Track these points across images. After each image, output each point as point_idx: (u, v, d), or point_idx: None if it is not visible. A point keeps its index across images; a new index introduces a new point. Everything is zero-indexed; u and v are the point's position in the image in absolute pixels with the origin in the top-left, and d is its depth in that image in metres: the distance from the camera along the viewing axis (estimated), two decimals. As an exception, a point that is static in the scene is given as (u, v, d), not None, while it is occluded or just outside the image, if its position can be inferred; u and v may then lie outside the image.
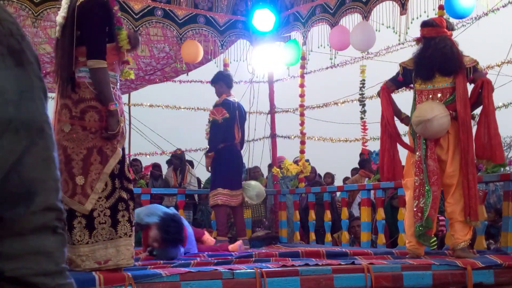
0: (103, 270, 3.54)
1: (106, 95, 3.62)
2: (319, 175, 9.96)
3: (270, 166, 9.24)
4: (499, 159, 4.91)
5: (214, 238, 6.88)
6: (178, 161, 9.55)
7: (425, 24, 5.14)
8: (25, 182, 0.84)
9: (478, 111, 5.00)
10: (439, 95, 4.94)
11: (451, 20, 5.83)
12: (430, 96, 4.97)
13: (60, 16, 3.72)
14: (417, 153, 4.97)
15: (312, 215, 7.16)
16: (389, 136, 5.17)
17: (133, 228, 3.73)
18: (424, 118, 4.79)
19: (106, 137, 3.63)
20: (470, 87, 5.00)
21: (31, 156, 0.85)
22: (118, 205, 3.65)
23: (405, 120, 5.26)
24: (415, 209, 4.93)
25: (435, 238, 6.14)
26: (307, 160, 8.07)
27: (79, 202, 3.56)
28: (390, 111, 5.16)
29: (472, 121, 4.99)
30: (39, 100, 0.87)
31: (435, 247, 6.26)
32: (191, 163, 10.42)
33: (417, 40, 5.19)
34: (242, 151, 7.19)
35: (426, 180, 4.87)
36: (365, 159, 9.31)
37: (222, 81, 6.95)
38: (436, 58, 4.91)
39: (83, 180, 3.58)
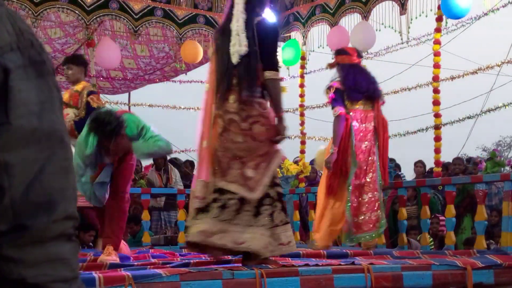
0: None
1: (279, 103, 4.11)
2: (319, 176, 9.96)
3: None
4: (387, 183, 5.85)
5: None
6: (162, 160, 9.43)
7: (338, 52, 5.82)
8: (47, 191, 0.86)
9: None
10: (368, 114, 5.65)
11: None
12: (361, 116, 5.65)
13: (243, 45, 4.06)
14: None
15: (312, 215, 7.15)
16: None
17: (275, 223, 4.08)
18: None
19: (275, 141, 4.10)
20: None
21: (52, 166, 0.87)
22: (264, 200, 4.04)
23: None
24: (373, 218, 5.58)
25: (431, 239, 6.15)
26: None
27: (249, 190, 4.01)
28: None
29: None
30: (58, 111, 0.90)
31: (433, 247, 6.28)
32: (191, 163, 10.40)
33: (331, 66, 5.85)
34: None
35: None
36: None
37: None
38: (365, 84, 5.60)
39: (254, 175, 4.02)
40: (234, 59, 4.09)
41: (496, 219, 7.00)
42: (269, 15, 4.26)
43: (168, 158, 9.92)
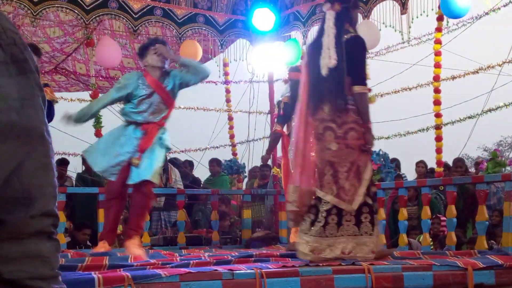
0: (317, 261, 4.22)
1: (366, 115, 4.38)
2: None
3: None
4: None
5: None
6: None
7: (291, 69, 6.25)
8: (25, 187, 0.86)
9: None
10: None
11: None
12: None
13: (332, 58, 4.35)
14: None
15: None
16: None
17: (375, 228, 4.39)
18: None
19: (364, 151, 4.36)
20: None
21: (32, 162, 0.87)
22: (363, 208, 4.34)
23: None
24: None
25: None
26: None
27: (347, 203, 4.30)
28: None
29: None
30: (39, 108, 0.90)
31: (433, 247, 6.27)
32: (191, 163, 10.37)
33: (285, 82, 6.30)
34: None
35: None
36: None
37: None
38: None
39: (347, 186, 4.31)
40: (324, 71, 4.38)
41: (498, 219, 6.98)
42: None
43: (168, 158, 9.89)
